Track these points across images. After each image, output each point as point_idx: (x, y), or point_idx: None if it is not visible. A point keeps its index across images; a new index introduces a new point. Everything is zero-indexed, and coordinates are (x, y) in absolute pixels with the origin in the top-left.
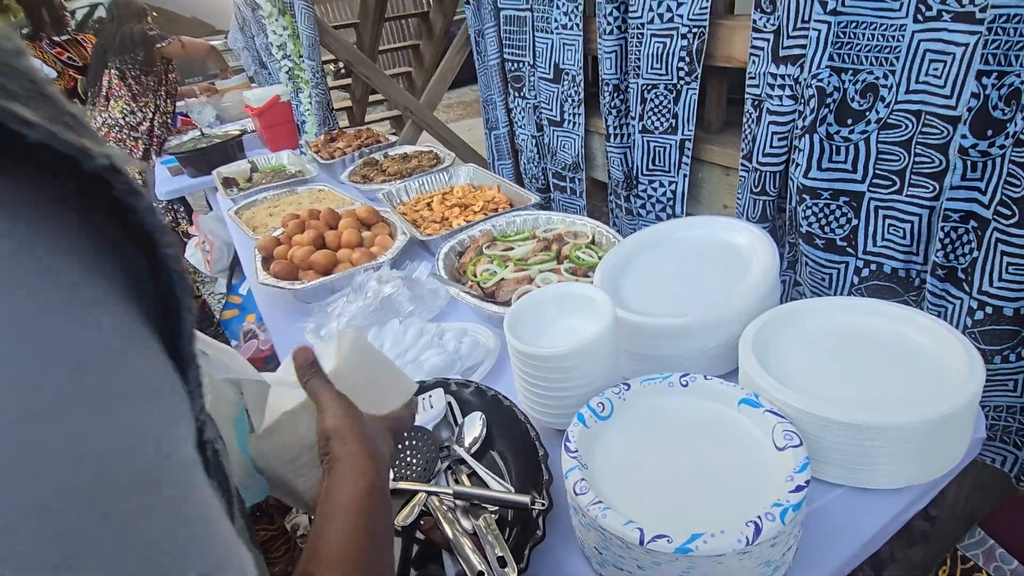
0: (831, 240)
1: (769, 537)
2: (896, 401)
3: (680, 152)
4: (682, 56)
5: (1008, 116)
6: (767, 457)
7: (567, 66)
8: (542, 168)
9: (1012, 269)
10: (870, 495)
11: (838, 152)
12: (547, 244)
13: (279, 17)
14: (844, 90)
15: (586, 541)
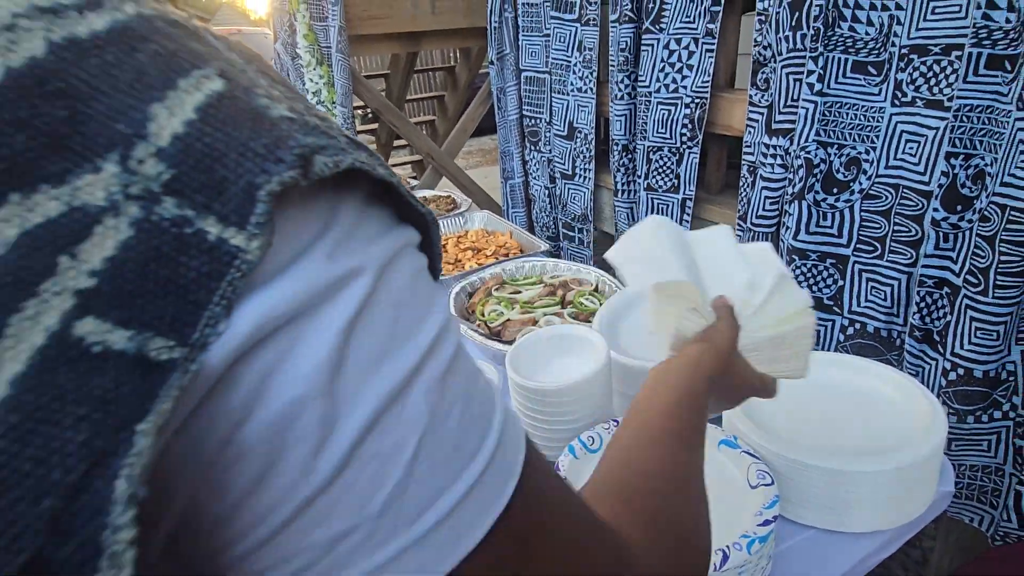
0: (819, 299)
1: (736, 565)
2: (867, 449)
3: (682, 210)
4: (685, 123)
5: (975, 194)
6: (740, 494)
7: (580, 125)
8: (553, 218)
9: (980, 334)
10: (840, 538)
11: (825, 218)
12: (553, 289)
13: (316, 67)
14: (830, 162)
15: None
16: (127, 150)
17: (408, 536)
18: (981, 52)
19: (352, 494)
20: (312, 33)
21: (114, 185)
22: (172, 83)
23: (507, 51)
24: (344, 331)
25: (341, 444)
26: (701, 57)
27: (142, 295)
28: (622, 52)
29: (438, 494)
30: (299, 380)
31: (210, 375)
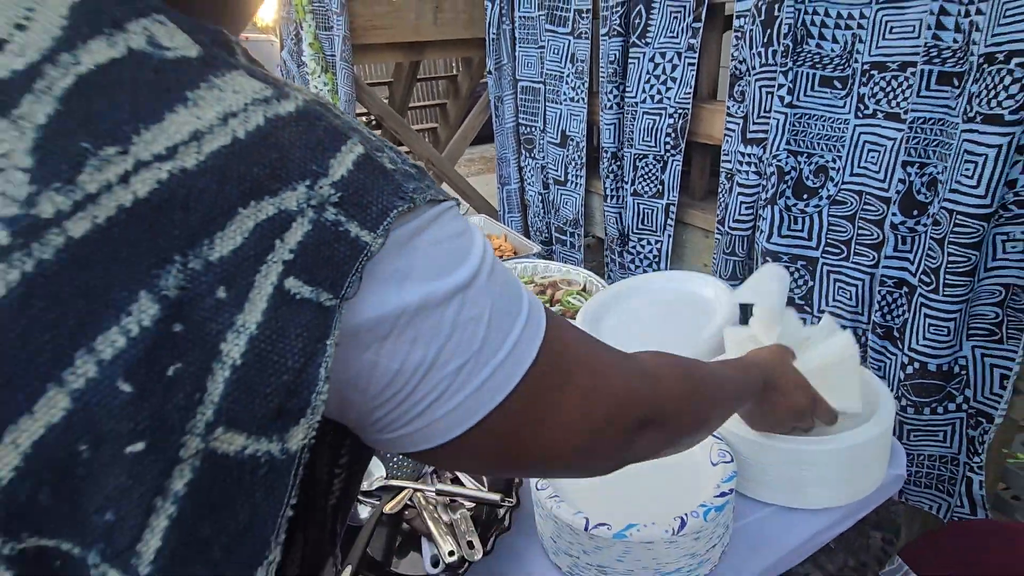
0: (790, 298)
1: (693, 531)
2: (823, 432)
3: (665, 215)
4: (669, 132)
5: (929, 200)
6: (703, 470)
7: (572, 133)
8: (546, 222)
9: (933, 329)
10: (797, 514)
11: (795, 222)
12: (543, 289)
13: (321, 74)
14: (800, 169)
15: (544, 532)
16: (315, 180)
17: (496, 359)
18: (932, 69)
19: (462, 341)
20: (317, 42)
21: (303, 199)
22: (339, 146)
23: (504, 62)
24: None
25: (452, 314)
26: (684, 70)
27: (316, 265)
28: (611, 64)
29: (506, 335)
30: (415, 294)
31: (351, 315)
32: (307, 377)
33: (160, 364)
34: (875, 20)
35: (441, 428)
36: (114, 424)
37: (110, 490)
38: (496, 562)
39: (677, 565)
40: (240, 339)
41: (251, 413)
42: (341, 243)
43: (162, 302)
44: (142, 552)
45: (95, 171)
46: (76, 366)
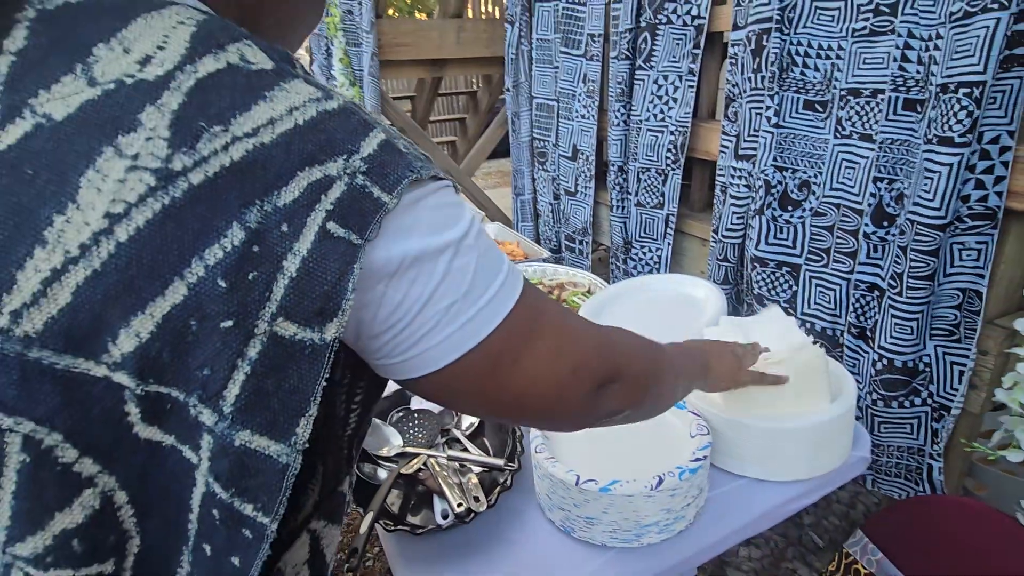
0: (776, 301)
1: (669, 488)
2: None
3: (665, 225)
4: (669, 148)
5: (896, 212)
6: (683, 442)
7: (583, 147)
8: (556, 231)
9: (898, 329)
10: (767, 485)
11: (781, 231)
12: (550, 290)
13: (349, 87)
14: (785, 184)
15: (541, 491)
16: (349, 155)
17: (480, 303)
18: (898, 96)
19: (452, 285)
20: (347, 57)
21: (341, 168)
22: (367, 133)
23: (522, 80)
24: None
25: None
26: (684, 92)
27: (349, 214)
28: (619, 85)
29: (488, 284)
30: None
31: (371, 253)
32: (340, 288)
33: (244, 270)
34: (851, 52)
35: (432, 357)
36: (214, 307)
37: (209, 352)
38: (498, 517)
39: (655, 519)
40: (296, 259)
41: (301, 309)
42: (367, 200)
43: (246, 230)
44: (227, 396)
45: (207, 141)
46: (192, 267)
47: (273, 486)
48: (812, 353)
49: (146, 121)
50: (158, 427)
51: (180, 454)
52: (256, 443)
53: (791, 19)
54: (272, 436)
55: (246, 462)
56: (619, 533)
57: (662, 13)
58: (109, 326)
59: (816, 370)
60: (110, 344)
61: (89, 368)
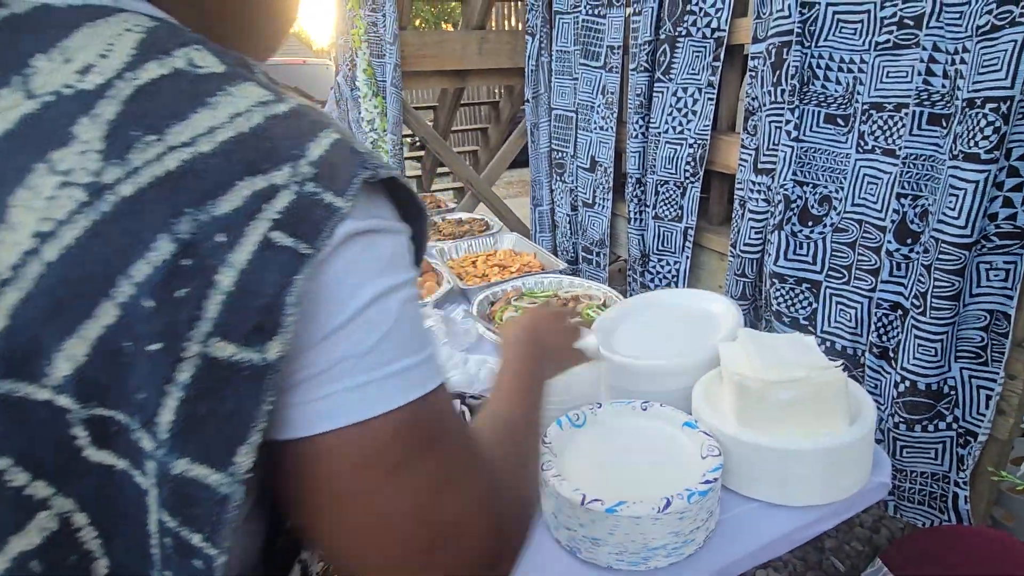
0: (795, 319)
1: (677, 511)
2: (808, 435)
3: (684, 238)
4: (688, 161)
5: (921, 229)
6: (693, 462)
7: (601, 159)
8: (573, 243)
9: (921, 350)
10: (781, 510)
11: (801, 247)
12: (565, 302)
13: (372, 98)
14: (805, 199)
15: (547, 510)
16: (296, 162)
17: (377, 374)
18: (923, 110)
19: (352, 336)
20: (371, 68)
21: (288, 176)
22: (316, 134)
23: (541, 91)
24: (378, 258)
25: (356, 305)
26: (703, 104)
27: (297, 223)
28: (638, 97)
29: (397, 358)
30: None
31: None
32: (279, 302)
33: (172, 287)
34: (873, 65)
35: (316, 412)
36: (143, 328)
37: (142, 376)
38: None
39: (663, 541)
40: (231, 272)
41: (238, 327)
42: (318, 207)
43: (177, 242)
44: (159, 422)
45: (140, 151)
46: (119, 286)
47: (214, 517)
48: (831, 374)
49: (80, 133)
50: (110, 451)
51: (132, 479)
52: (195, 471)
53: (812, 32)
54: (210, 464)
55: (186, 491)
56: (625, 556)
57: (682, 25)
58: (46, 348)
59: (834, 391)
60: (48, 367)
61: (32, 392)
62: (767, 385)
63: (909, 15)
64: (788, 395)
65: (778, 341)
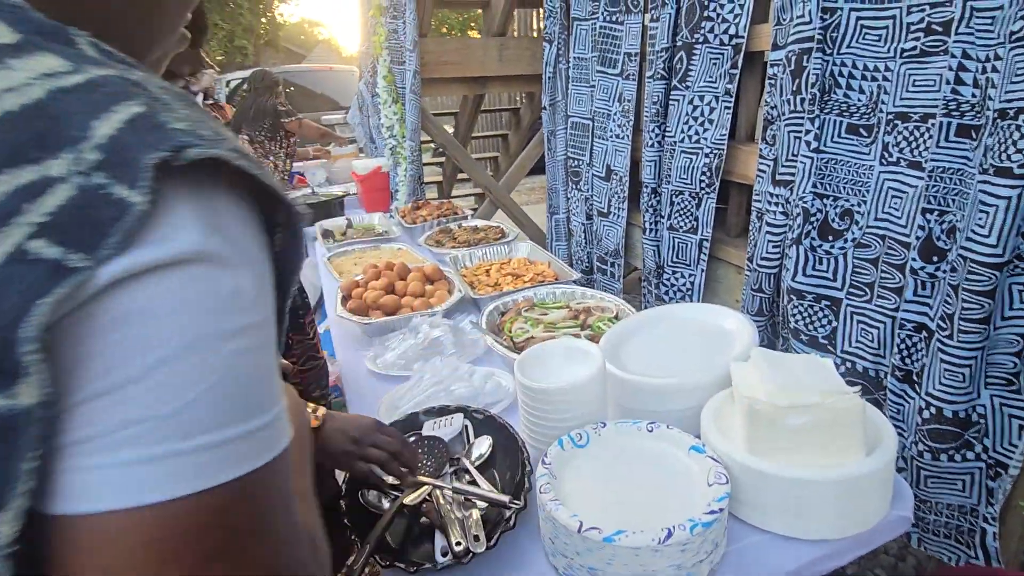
0: (814, 337)
1: (679, 542)
2: (823, 465)
3: (699, 250)
4: (704, 171)
5: (948, 247)
6: (700, 490)
7: (616, 168)
8: (588, 252)
9: (948, 375)
10: (792, 543)
11: (820, 262)
12: (576, 314)
13: (392, 104)
14: (826, 212)
15: (545, 534)
16: (76, 145)
17: (178, 445)
18: (951, 121)
19: (152, 393)
20: (391, 75)
21: (69, 166)
22: (110, 108)
23: (558, 98)
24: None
25: (162, 352)
26: (720, 113)
27: (71, 227)
28: (654, 105)
29: (214, 427)
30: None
31: (99, 284)
32: (13, 335)
33: None
34: (899, 73)
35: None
36: None
37: None
38: (500, 559)
39: (665, 574)
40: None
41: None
42: (107, 206)
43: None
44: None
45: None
46: None
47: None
48: (848, 400)
49: None
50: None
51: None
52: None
53: (834, 39)
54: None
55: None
56: None
57: (699, 32)
58: None
59: (851, 419)
60: None
61: None
62: (779, 410)
63: (937, 20)
64: (801, 421)
65: (794, 362)
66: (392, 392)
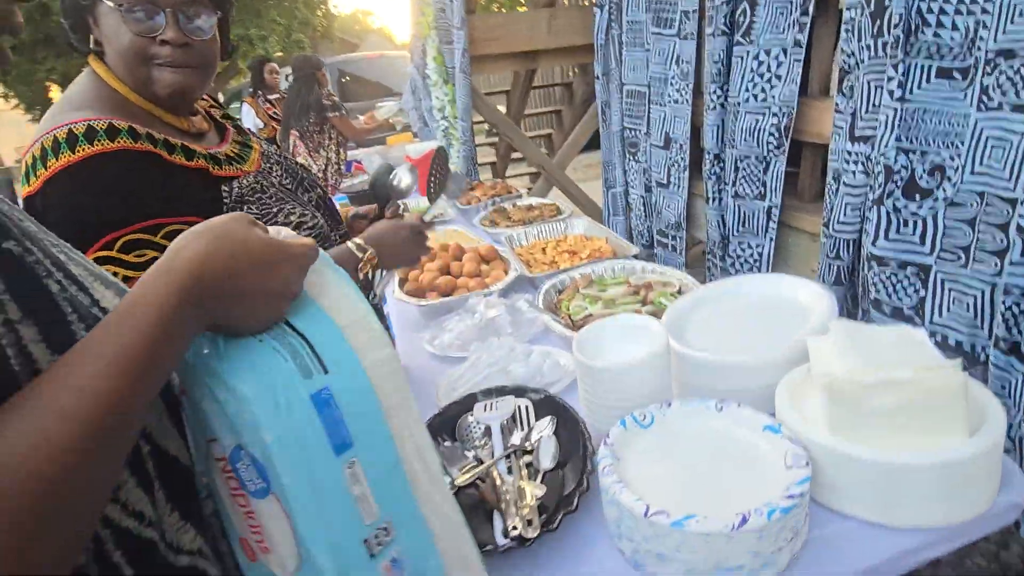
0: (898, 308)
1: (754, 529)
2: (919, 447)
3: (767, 218)
4: (772, 132)
5: None
6: (776, 473)
7: (676, 135)
8: (648, 226)
9: None
10: (881, 531)
11: (905, 225)
12: (636, 290)
13: (442, 85)
14: (912, 168)
15: (610, 517)
16: None
17: None
18: None
19: None
20: (440, 55)
21: None
22: None
23: (612, 67)
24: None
25: None
26: (789, 67)
27: None
28: (715, 64)
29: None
30: None
31: None
32: None
33: None
34: (1001, 4)
35: None
36: None
37: None
38: (564, 541)
39: (739, 562)
40: None
41: None
42: None
43: None
44: None
45: None
46: None
47: None
48: (947, 375)
49: None
50: None
51: None
52: None
53: None
54: None
55: None
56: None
57: None
58: None
59: (951, 395)
60: None
61: None
62: (864, 388)
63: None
64: (891, 399)
65: (880, 334)
66: (450, 373)
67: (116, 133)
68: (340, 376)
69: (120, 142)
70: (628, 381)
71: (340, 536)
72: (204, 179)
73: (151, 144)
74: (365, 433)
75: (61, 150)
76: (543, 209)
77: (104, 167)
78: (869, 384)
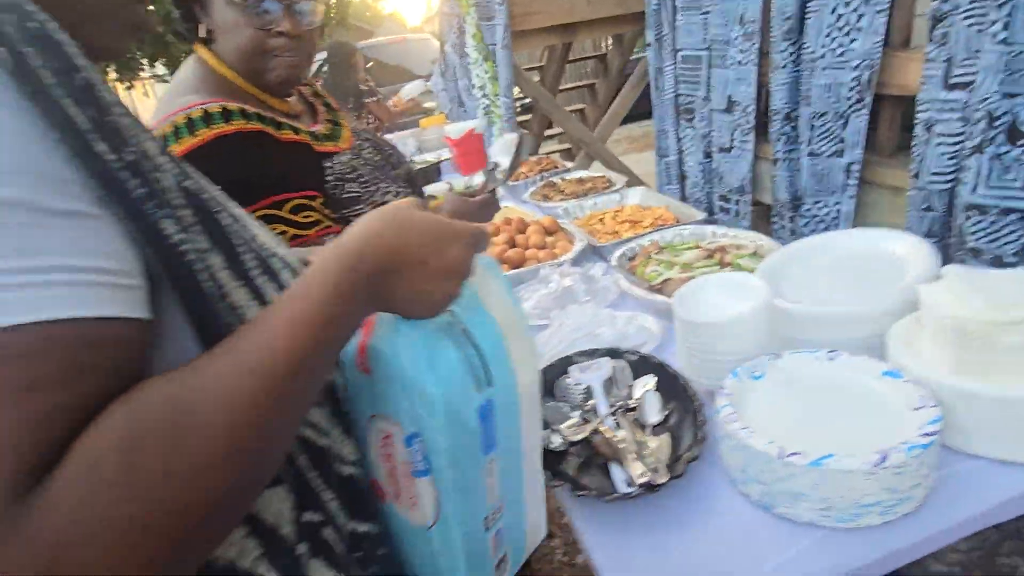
0: (998, 256)
1: (895, 465)
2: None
3: (846, 175)
4: (852, 86)
5: None
6: (903, 416)
7: (740, 98)
8: (707, 192)
9: None
10: (1013, 470)
11: (1008, 171)
12: (711, 253)
13: (482, 63)
14: (1016, 113)
15: (733, 464)
16: None
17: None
18: None
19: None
20: (480, 32)
21: None
22: None
23: (665, 32)
24: None
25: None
26: (872, 18)
27: None
28: (786, 20)
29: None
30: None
31: None
32: None
33: None
34: None
35: None
36: None
37: None
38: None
39: (877, 498)
40: None
41: None
42: None
43: None
44: None
45: None
46: None
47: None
48: None
49: None
50: None
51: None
52: None
53: None
54: None
55: None
56: (832, 512)
57: None
58: None
59: None
60: None
61: None
62: (993, 327)
63: None
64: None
65: (997, 277)
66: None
67: (230, 115)
68: (500, 391)
69: (235, 123)
70: (734, 335)
71: (471, 514)
72: (308, 154)
73: (261, 123)
74: (506, 439)
75: (181, 134)
76: (595, 182)
77: (225, 147)
78: (999, 322)
